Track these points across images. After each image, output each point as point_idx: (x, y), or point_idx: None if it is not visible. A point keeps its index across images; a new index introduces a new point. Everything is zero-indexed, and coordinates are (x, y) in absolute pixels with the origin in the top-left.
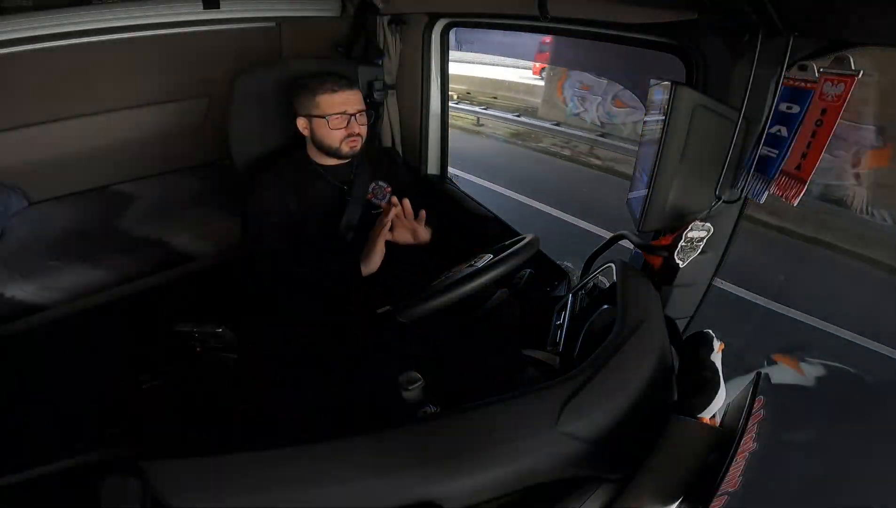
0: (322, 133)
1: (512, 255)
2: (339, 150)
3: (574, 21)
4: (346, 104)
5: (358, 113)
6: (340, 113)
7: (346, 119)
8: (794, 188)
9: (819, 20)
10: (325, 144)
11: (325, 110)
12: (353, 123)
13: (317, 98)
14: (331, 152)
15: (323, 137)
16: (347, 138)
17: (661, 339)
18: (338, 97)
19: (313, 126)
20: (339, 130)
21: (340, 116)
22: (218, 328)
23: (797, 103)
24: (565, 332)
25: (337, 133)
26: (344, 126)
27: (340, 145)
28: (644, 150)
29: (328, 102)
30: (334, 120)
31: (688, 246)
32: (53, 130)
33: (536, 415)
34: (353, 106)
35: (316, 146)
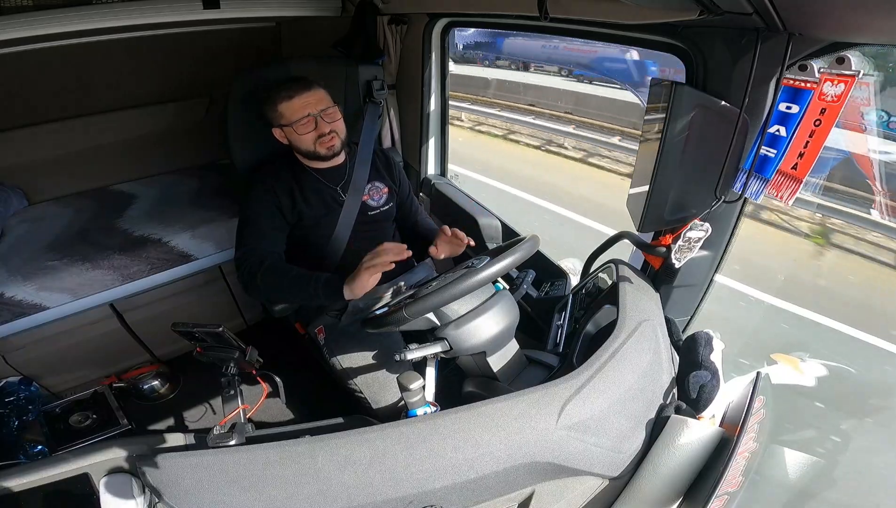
0: (295, 140)
1: (511, 255)
2: (317, 152)
3: (574, 21)
4: (307, 106)
5: (323, 112)
6: (304, 117)
7: (313, 121)
8: (789, 188)
9: (819, 20)
10: (302, 150)
11: (289, 118)
12: (321, 122)
13: (278, 108)
14: (310, 156)
15: (298, 144)
16: (320, 139)
17: (660, 339)
18: (296, 102)
19: (287, 134)
20: (309, 133)
21: (306, 120)
22: (218, 328)
23: (797, 103)
24: (565, 332)
25: (307, 137)
26: (312, 128)
27: (316, 148)
28: (644, 149)
29: (289, 109)
30: (300, 126)
31: (685, 246)
32: (53, 130)
33: (537, 415)
34: (314, 106)
35: (297, 153)
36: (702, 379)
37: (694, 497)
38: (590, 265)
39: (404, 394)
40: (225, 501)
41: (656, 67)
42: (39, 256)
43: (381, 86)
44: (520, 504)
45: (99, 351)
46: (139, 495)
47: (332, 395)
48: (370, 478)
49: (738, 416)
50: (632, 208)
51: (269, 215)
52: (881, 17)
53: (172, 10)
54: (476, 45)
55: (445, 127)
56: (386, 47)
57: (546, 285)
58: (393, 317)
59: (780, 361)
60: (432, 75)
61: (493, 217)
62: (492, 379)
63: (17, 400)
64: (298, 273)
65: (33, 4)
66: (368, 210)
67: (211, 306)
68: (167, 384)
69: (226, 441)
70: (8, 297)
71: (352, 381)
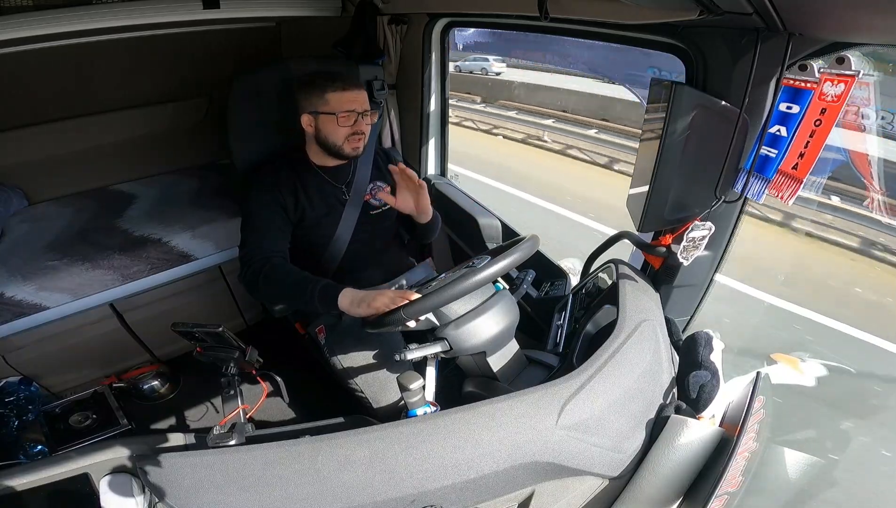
0: (328, 130)
1: (511, 254)
2: (342, 148)
3: (574, 21)
4: (356, 103)
5: (365, 113)
6: (349, 111)
7: (354, 117)
8: (789, 188)
9: (819, 20)
10: (328, 142)
11: (334, 107)
12: (360, 121)
13: (327, 95)
14: (333, 151)
15: (328, 135)
16: (352, 137)
17: (660, 339)
18: (348, 95)
19: (319, 123)
20: (346, 127)
21: (349, 114)
22: (218, 328)
23: (797, 103)
24: (565, 332)
25: (343, 130)
26: (350, 124)
27: (343, 144)
28: (644, 149)
29: (338, 100)
30: (343, 117)
31: (690, 245)
32: (53, 130)
33: (537, 415)
34: (361, 105)
35: (319, 144)
36: (702, 379)
37: (694, 497)
38: (590, 265)
39: (404, 394)
40: (225, 501)
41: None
42: (39, 256)
43: (381, 86)
44: (520, 504)
45: (99, 351)
46: (139, 495)
47: (332, 395)
48: (370, 478)
49: (738, 416)
50: (632, 207)
51: (273, 214)
52: (881, 17)
53: (172, 10)
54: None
55: (445, 127)
56: (386, 47)
57: (546, 285)
58: (392, 317)
59: (780, 361)
60: (432, 75)
61: (493, 217)
62: (492, 379)
63: (17, 400)
64: (297, 278)
65: (33, 4)
66: (370, 210)
67: (211, 306)
68: (167, 384)
69: (226, 441)
70: (8, 297)
71: (352, 381)
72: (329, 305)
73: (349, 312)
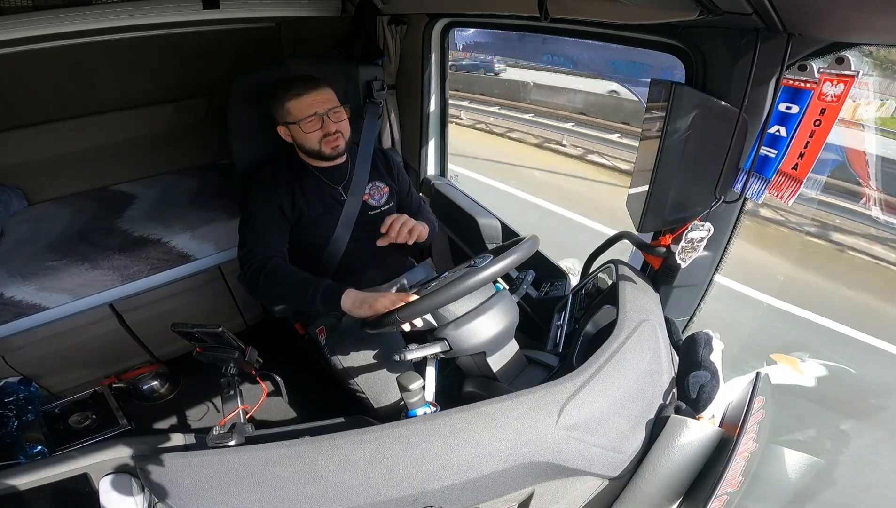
0: (300, 138)
1: (511, 255)
2: (321, 151)
3: (574, 21)
4: (315, 105)
5: (330, 111)
6: (311, 115)
7: (319, 120)
8: (789, 188)
9: (819, 20)
10: (306, 148)
11: (296, 116)
12: (328, 121)
13: (286, 105)
14: (314, 155)
15: (302, 142)
16: (325, 138)
17: (660, 339)
18: (305, 100)
19: (292, 132)
20: (315, 131)
21: (312, 119)
22: (218, 328)
23: (796, 103)
24: (565, 332)
25: (313, 135)
26: (318, 127)
27: (321, 147)
28: (644, 149)
29: (297, 107)
30: (306, 123)
31: (689, 246)
32: (53, 130)
33: (537, 415)
34: (322, 105)
35: (301, 151)
36: (701, 379)
37: (694, 497)
38: (589, 265)
39: (404, 394)
40: (225, 501)
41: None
42: (39, 256)
43: (381, 86)
44: (520, 504)
45: (99, 351)
46: (139, 495)
47: (331, 395)
48: (370, 478)
49: (738, 416)
50: (632, 208)
51: (271, 214)
52: (881, 17)
53: (172, 10)
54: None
55: (445, 127)
56: (386, 48)
57: (546, 285)
58: (391, 318)
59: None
60: (432, 75)
61: (493, 217)
62: (492, 379)
63: (17, 400)
64: (298, 279)
65: (33, 4)
66: (369, 210)
67: (211, 307)
68: (167, 385)
69: (225, 442)
70: (8, 297)
71: (352, 381)
72: (331, 306)
73: (351, 313)
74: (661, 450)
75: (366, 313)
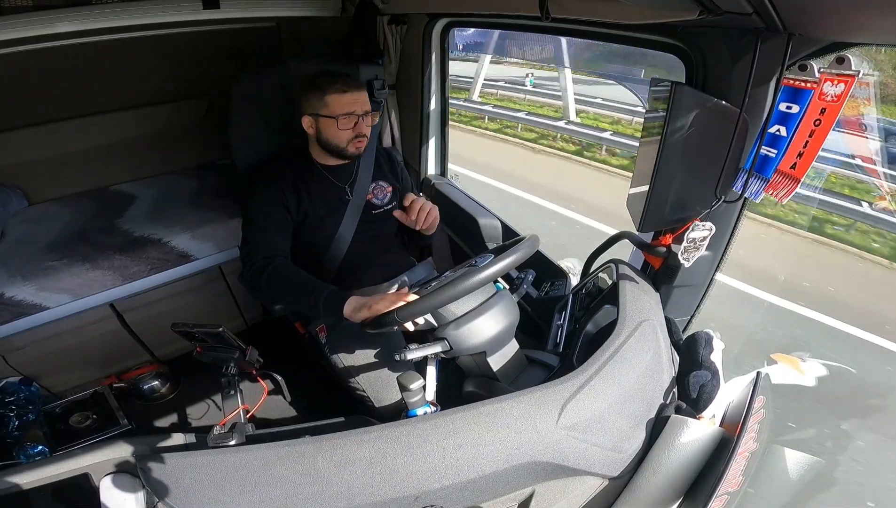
0: (329, 133)
1: (511, 254)
2: (345, 150)
3: (574, 21)
4: (356, 105)
5: (365, 114)
6: (349, 113)
7: (355, 120)
8: (785, 187)
9: (819, 20)
10: (331, 144)
11: (334, 110)
12: (361, 123)
13: (326, 97)
14: (336, 152)
15: (330, 137)
16: (354, 139)
17: (660, 339)
18: (347, 97)
19: (320, 125)
20: (347, 130)
21: (349, 117)
22: (218, 328)
23: (797, 103)
24: (565, 332)
25: (344, 133)
26: (352, 126)
27: (347, 146)
28: (644, 149)
29: (338, 102)
30: (343, 120)
31: (691, 246)
32: (53, 130)
33: (537, 415)
34: (361, 107)
35: (321, 145)
36: (702, 379)
37: (694, 497)
38: (590, 265)
39: (404, 394)
40: (225, 501)
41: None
42: (39, 256)
43: (381, 86)
44: (520, 503)
45: (99, 351)
46: (139, 495)
47: (332, 395)
48: (370, 478)
49: (739, 416)
50: (632, 207)
51: (276, 214)
52: (881, 17)
53: (172, 11)
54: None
55: (445, 127)
56: (386, 47)
57: (546, 285)
58: (390, 318)
59: (781, 361)
60: (432, 75)
61: (494, 217)
62: (492, 379)
63: (17, 400)
64: (301, 281)
65: (33, 4)
66: (372, 209)
67: (211, 306)
68: (167, 384)
69: (226, 441)
70: (8, 297)
71: (353, 380)
72: (333, 312)
73: (352, 318)
74: (662, 450)
75: (365, 315)
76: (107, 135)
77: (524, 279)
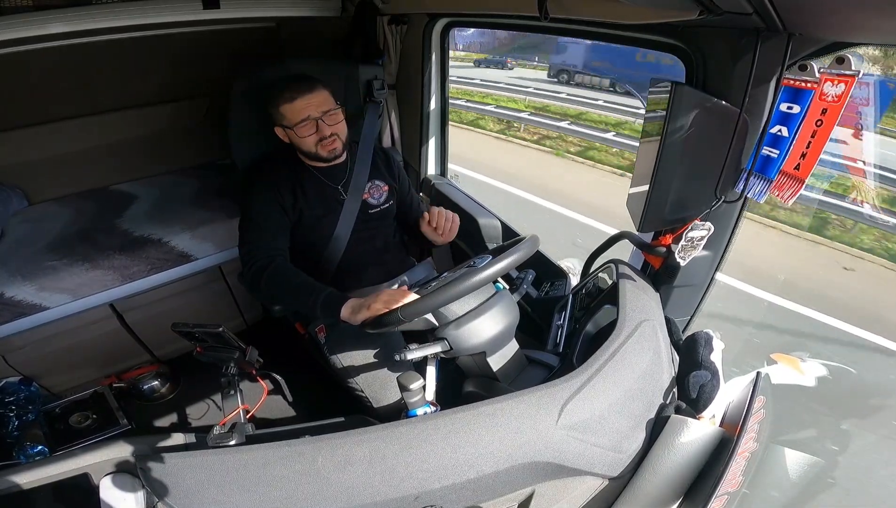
0: (297, 141)
1: (511, 255)
2: (318, 154)
3: (574, 21)
4: (308, 109)
5: (324, 115)
6: (304, 120)
7: (314, 124)
8: (791, 188)
9: (819, 20)
10: (303, 151)
11: (290, 120)
12: (322, 125)
13: (280, 109)
14: (312, 157)
15: (299, 145)
16: (321, 142)
17: (660, 339)
18: (298, 104)
19: (289, 135)
20: (310, 136)
21: (307, 123)
22: (218, 328)
23: (797, 103)
24: (565, 332)
25: (309, 139)
26: (313, 131)
27: (317, 150)
28: (644, 149)
29: (290, 111)
30: (301, 128)
31: (688, 245)
32: (53, 130)
33: (537, 415)
34: (316, 109)
35: (299, 152)
36: (702, 379)
37: (694, 497)
38: (590, 265)
39: (404, 394)
40: (225, 501)
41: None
42: (39, 256)
43: (381, 86)
44: (520, 503)
45: (99, 351)
46: (139, 495)
47: (332, 395)
48: (370, 478)
49: (738, 416)
50: (632, 207)
51: (273, 213)
52: (881, 17)
53: (172, 10)
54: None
55: (445, 127)
56: (386, 47)
57: (546, 285)
58: (389, 318)
59: (780, 361)
60: (432, 75)
61: (494, 217)
62: (492, 379)
63: (17, 400)
64: (301, 282)
65: (33, 4)
66: (369, 209)
67: (211, 306)
68: (167, 384)
69: (226, 441)
70: (8, 297)
71: (352, 380)
72: (331, 314)
73: (351, 320)
74: (662, 450)
75: (365, 315)
76: (107, 135)
77: (524, 279)
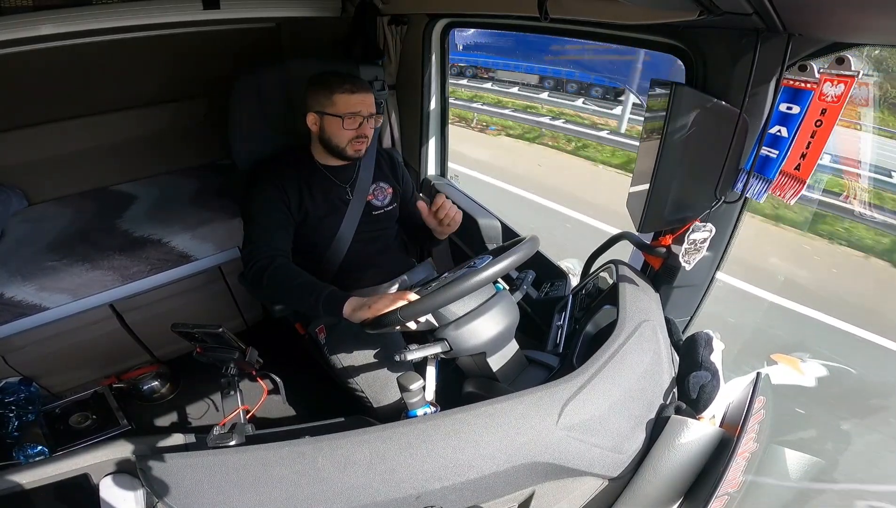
0: (332, 131)
1: (511, 255)
2: (345, 150)
3: (574, 21)
4: (362, 105)
5: (370, 116)
6: (355, 113)
7: (360, 120)
8: (791, 188)
9: (819, 20)
10: (332, 143)
11: (340, 109)
12: (365, 125)
13: (334, 96)
14: (335, 152)
15: (332, 136)
16: (355, 140)
17: (660, 340)
18: (355, 98)
19: (324, 123)
20: (350, 130)
21: (354, 117)
22: (218, 329)
23: (797, 103)
24: (565, 332)
25: (347, 133)
26: (355, 127)
27: (346, 146)
28: (644, 149)
29: (344, 102)
30: (348, 120)
31: (692, 248)
32: (53, 130)
33: (537, 415)
34: (367, 108)
35: (322, 144)
36: (702, 379)
37: (694, 497)
38: (590, 266)
39: (404, 395)
40: (225, 501)
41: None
42: (39, 256)
43: (381, 86)
44: (520, 504)
45: (99, 352)
46: (139, 494)
47: (332, 395)
48: (370, 479)
49: (739, 416)
50: (632, 208)
51: (278, 212)
52: (881, 17)
53: (173, 10)
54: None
55: (445, 127)
56: (386, 48)
57: (546, 285)
58: (389, 318)
59: (780, 361)
60: (432, 76)
61: (493, 218)
62: (492, 380)
63: (17, 400)
64: (303, 281)
65: (33, 4)
66: (373, 210)
67: (211, 307)
68: (167, 385)
69: (226, 442)
70: (8, 297)
71: (352, 380)
72: (333, 313)
73: (351, 319)
74: (662, 450)
75: (365, 315)
76: (107, 135)
77: (524, 280)
